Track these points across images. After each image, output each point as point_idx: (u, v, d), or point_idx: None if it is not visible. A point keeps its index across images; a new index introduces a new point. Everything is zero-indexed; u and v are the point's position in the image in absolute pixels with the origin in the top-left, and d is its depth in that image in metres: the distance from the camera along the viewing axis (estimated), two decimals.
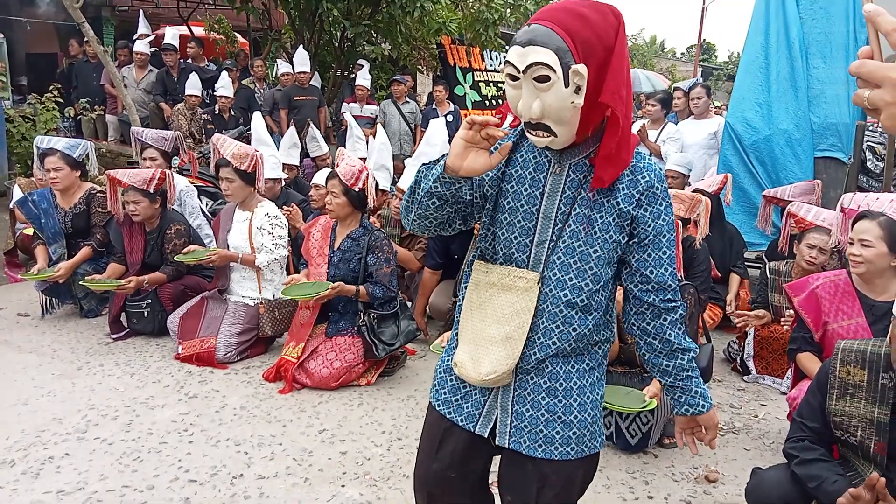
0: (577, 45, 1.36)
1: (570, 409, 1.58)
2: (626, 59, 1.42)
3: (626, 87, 1.41)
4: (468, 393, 1.66)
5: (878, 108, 0.82)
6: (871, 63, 0.82)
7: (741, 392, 3.86)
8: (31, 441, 2.97)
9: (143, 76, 8.66)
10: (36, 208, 4.59)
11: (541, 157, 1.57)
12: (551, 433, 1.58)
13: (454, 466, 1.68)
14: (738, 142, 5.37)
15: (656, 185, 1.52)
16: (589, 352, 1.61)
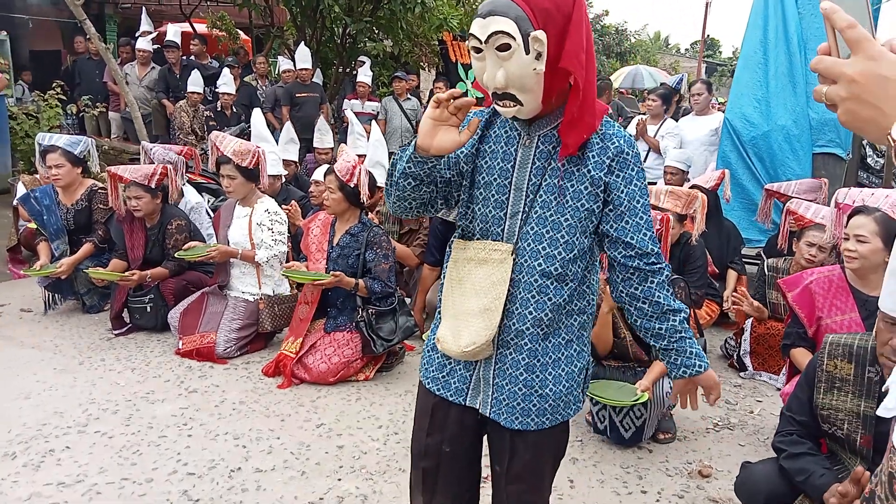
0: (535, 12, 1.40)
1: (546, 383, 1.62)
2: (584, 26, 1.45)
3: (585, 52, 1.45)
4: (453, 369, 1.70)
5: (835, 104, 0.84)
6: (827, 59, 0.84)
7: (737, 388, 3.88)
8: (33, 434, 3.01)
9: (146, 73, 8.70)
10: (38, 205, 4.63)
11: (511, 131, 1.61)
12: (528, 406, 1.63)
13: (447, 441, 1.72)
14: (737, 138, 5.37)
15: (626, 150, 1.54)
16: (565, 324, 1.62)
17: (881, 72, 0.80)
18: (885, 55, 0.80)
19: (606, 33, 22.03)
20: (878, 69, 0.80)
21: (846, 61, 0.82)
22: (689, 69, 26.29)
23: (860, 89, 0.81)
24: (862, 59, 0.81)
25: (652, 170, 6.38)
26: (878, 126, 0.81)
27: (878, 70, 0.80)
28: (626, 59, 21.65)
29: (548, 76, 1.45)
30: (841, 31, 0.82)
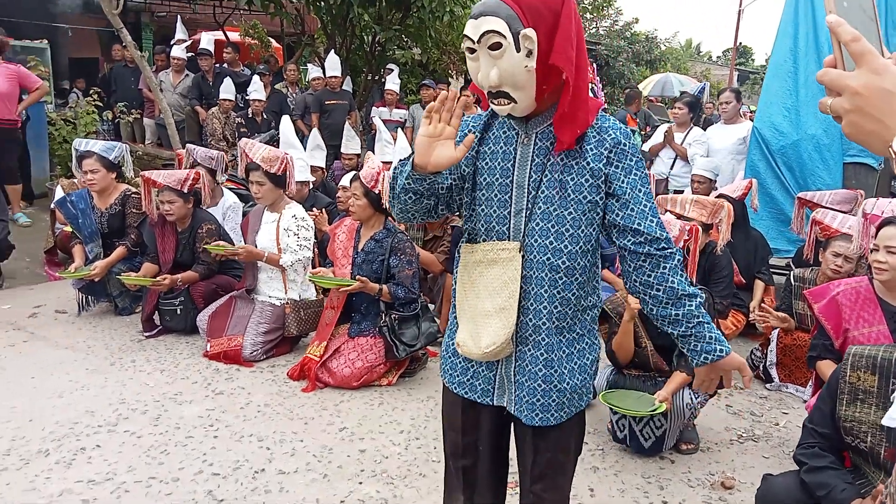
0: (524, 11, 1.45)
1: (564, 377, 1.67)
2: (574, 24, 1.48)
3: (576, 49, 1.48)
4: (476, 371, 1.74)
5: (840, 116, 0.85)
6: (832, 72, 0.85)
7: (763, 400, 3.84)
8: (65, 432, 3.10)
9: (180, 80, 8.88)
10: (74, 208, 4.76)
11: (510, 130, 1.65)
12: (548, 402, 1.67)
13: (482, 439, 1.78)
14: (766, 147, 5.32)
15: (623, 141, 1.58)
16: (578, 319, 1.68)
17: (884, 85, 0.81)
18: (888, 69, 0.81)
19: (636, 41, 21.84)
20: (882, 82, 0.81)
21: (850, 74, 0.83)
22: (721, 77, 26.00)
23: (863, 102, 0.82)
24: (866, 72, 0.82)
25: (679, 177, 6.36)
26: (880, 138, 0.82)
27: (882, 83, 0.81)
28: (656, 67, 21.45)
29: (540, 73, 1.49)
30: (845, 45, 0.83)
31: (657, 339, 3.12)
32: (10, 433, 3.07)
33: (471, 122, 1.72)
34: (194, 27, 11.15)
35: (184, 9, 11.79)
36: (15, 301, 5.00)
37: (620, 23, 23.39)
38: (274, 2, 8.78)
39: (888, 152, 0.82)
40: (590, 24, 22.61)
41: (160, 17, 12.68)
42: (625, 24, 23.21)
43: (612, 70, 19.76)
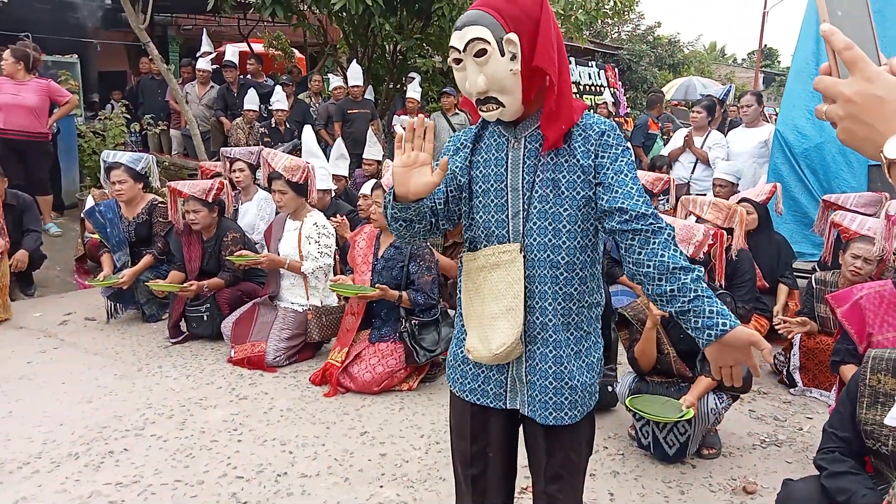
0: (505, 19, 1.52)
1: (574, 374, 1.69)
2: (553, 27, 1.55)
3: (556, 51, 1.54)
4: (488, 376, 1.76)
5: (834, 122, 0.87)
6: (827, 79, 0.87)
7: (787, 405, 3.80)
8: (94, 436, 3.18)
9: (205, 92, 9.04)
10: (102, 218, 4.88)
11: (500, 137, 1.70)
12: (560, 400, 1.69)
13: (491, 446, 1.80)
14: (789, 150, 5.28)
15: (608, 132, 1.61)
16: (584, 316, 1.71)
17: (876, 92, 0.82)
18: (881, 76, 0.83)
19: (658, 44, 21.74)
20: (874, 89, 0.82)
21: (844, 81, 0.85)
22: (746, 79, 25.73)
23: (856, 108, 0.83)
24: (858, 79, 0.83)
25: (700, 181, 6.32)
26: (873, 144, 0.83)
27: (874, 90, 0.82)
28: (679, 71, 21.32)
29: (525, 76, 1.55)
30: (838, 53, 0.85)
31: (679, 345, 3.11)
32: (41, 437, 3.15)
33: (462, 135, 1.78)
34: (219, 40, 11.34)
35: (209, 22, 12.00)
36: (46, 309, 5.13)
37: (642, 27, 23.30)
38: (297, 13, 8.91)
39: (881, 157, 0.83)
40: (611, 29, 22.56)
41: (186, 31, 12.93)
42: (647, 28, 23.12)
43: (634, 74, 19.69)
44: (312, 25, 9.55)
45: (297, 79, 10.21)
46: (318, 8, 8.62)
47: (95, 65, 11.45)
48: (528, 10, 1.53)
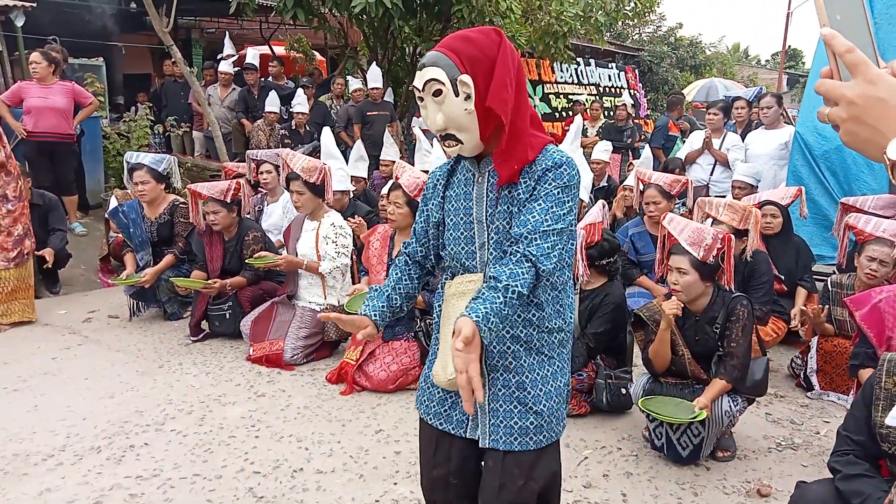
0: (462, 59, 1.58)
1: (539, 399, 1.71)
2: (510, 68, 1.59)
3: (515, 90, 1.59)
4: (454, 402, 1.79)
5: (837, 124, 0.87)
6: (828, 82, 0.88)
7: (804, 408, 3.77)
8: (116, 431, 3.25)
9: (227, 94, 9.15)
10: (125, 218, 4.97)
11: (468, 172, 1.77)
12: (525, 424, 1.70)
13: (453, 473, 1.81)
14: (809, 152, 5.23)
15: (552, 169, 1.62)
16: (547, 341, 1.73)
17: (879, 94, 0.83)
18: (882, 78, 0.83)
19: (680, 46, 21.59)
20: (876, 92, 0.83)
21: (846, 84, 0.85)
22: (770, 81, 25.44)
23: (859, 111, 0.84)
24: (861, 81, 0.84)
25: (719, 183, 6.29)
26: (876, 146, 0.84)
27: (876, 93, 0.83)
28: (701, 72, 21.15)
29: (480, 115, 1.60)
30: (840, 56, 0.85)
31: (695, 347, 3.11)
32: (65, 430, 3.23)
33: (438, 171, 1.87)
34: (242, 43, 11.47)
35: (231, 25, 12.14)
36: (71, 306, 5.24)
37: (664, 28, 23.15)
38: (317, 16, 8.99)
39: (884, 159, 0.84)
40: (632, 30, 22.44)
41: (209, 34, 13.08)
42: (668, 29, 22.97)
43: (655, 76, 19.58)
44: (333, 28, 9.63)
45: (317, 81, 10.30)
46: (339, 11, 8.69)
47: (120, 68, 11.63)
48: (485, 49, 1.58)
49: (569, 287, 1.78)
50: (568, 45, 10.32)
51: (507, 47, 1.60)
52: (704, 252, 2.95)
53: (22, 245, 4.75)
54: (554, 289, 1.72)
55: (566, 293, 1.76)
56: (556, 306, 1.73)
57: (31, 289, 4.90)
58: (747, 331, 3.00)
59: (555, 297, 1.73)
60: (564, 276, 1.75)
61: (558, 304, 1.73)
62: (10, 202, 4.69)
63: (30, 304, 4.86)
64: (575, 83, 13.98)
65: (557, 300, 1.73)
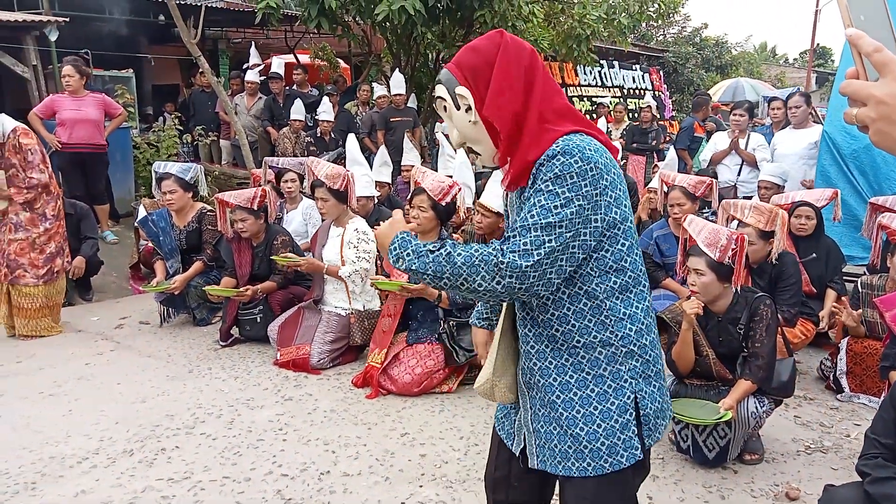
0: (462, 71, 1.53)
1: (575, 422, 1.54)
2: (509, 70, 1.49)
3: (509, 94, 1.48)
4: (508, 413, 1.80)
5: (866, 125, 0.86)
6: (855, 83, 0.86)
7: (834, 411, 3.71)
8: (147, 434, 3.32)
9: (254, 103, 9.28)
10: (155, 227, 5.08)
11: None
12: (563, 447, 1.57)
13: (515, 476, 1.80)
14: (837, 151, 5.16)
15: (543, 161, 1.44)
16: (588, 358, 1.53)
17: None
18: None
19: (705, 46, 21.39)
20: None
21: (874, 84, 0.84)
22: (798, 80, 25.07)
23: (890, 110, 0.82)
24: (890, 81, 0.82)
25: (747, 183, 6.24)
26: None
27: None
28: (727, 73, 20.92)
29: (487, 124, 1.53)
30: (867, 56, 0.84)
31: (719, 348, 3.09)
32: (98, 434, 3.31)
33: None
34: (267, 52, 11.62)
35: (257, 35, 12.32)
36: (103, 313, 5.36)
37: (688, 29, 22.96)
38: (341, 24, 9.09)
39: None
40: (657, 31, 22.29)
41: (236, 44, 13.29)
42: (693, 29, 22.77)
43: (680, 77, 19.43)
44: (356, 36, 9.73)
45: (341, 88, 10.40)
46: (362, 19, 8.79)
47: (150, 79, 11.87)
48: (486, 56, 1.51)
49: (621, 294, 1.53)
50: (591, 48, 10.30)
51: (507, 47, 1.51)
52: (720, 253, 2.94)
53: (53, 263, 4.82)
54: (591, 297, 1.51)
55: (617, 301, 1.52)
56: (596, 317, 1.51)
57: (58, 307, 4.96)
58: (771, 331, 2.97)
59: (593, 307, 1.51)
60: (609, 282, 1.51)
61: (600, 315, 1.51)
62: (49, 220, 4.80)
63: (55, 321, 4.90)
64: (599, 85, 13.94)
65: (598, 310, 1.51)
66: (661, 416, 1.60)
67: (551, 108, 1.51)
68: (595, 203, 1.43)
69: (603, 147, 1.51)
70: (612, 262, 1.50)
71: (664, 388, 1.63)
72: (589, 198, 1.42)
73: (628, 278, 1.52)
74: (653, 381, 1.57)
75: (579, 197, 1.41)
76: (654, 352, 1.58)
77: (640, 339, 1.54)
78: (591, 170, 1.42)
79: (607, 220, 1.46)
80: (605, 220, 1.46)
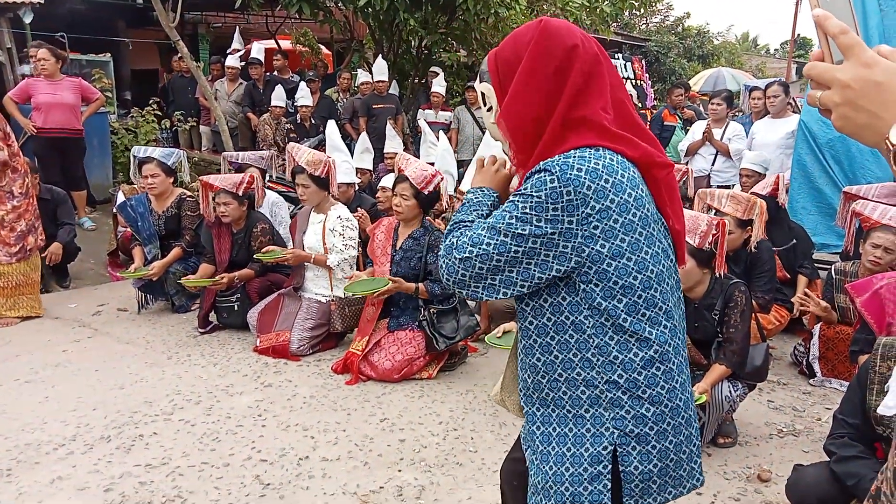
0: (498, 66, 1.42)
1: (547, 458, 1.42)
2: (533, 71, 1.34)
3: (530, 97, 1.34)
4: None
5: (829, 109, 0.85)
6: (820, 65, 0.85)
7: (806, 395, 3.79)
8: (125, 420, 3.31)
9: (234, 89, 9.20)
10: (133, 212, 5.03)
11: None
12: (535, 481, 1.47)
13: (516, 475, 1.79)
14: (813, 140, 5.22)
15: (529, 176, 1.34)
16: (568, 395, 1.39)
17: (875, 77, 0.81)
18: (878, 61, 0.82)
19: (687, 36, 21.47)
20: (872, 75, 0.81)
21: (839, 67, 0.83)
22: (779, 70, 25.22)
23: (855, 95, 0.81)
24: (855, 64, 0.82)
25: (722, 172, 6.31)
26: (874, 130, 0.82)
27: (872, 76, 0.81)
28: (709, 62, 21.02)
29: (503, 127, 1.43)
30: (833, 37, 0.83)
31: (694, 334, 3.13)
32: (75, 420, 3.29)
33: None
34: (248, 37, 11.50)
35: (238, 19, 12.18)
36: (80, 300, 5.31)
37: (671, 18, 23.03)
38: (323, 10, 9.02)
39: (884, 144, 0.81)
40: (639, 20, 22.33)
41: (216, 28, 13.13)
42: (675, 19, 22.85)
43: (662, 66, 19.49)
44: (338, 21, 9.65)
45: (322, 74, 10.33)
46: (344, 4, 8.72)
47: (128, 63, 11.70)
48: (518, 51, 1.36)
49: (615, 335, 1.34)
50: None
51: (538, 40, 1.33)
52: (700, 239, 2.98)
53: (25, 241, 4.76)
54: (577, 331, 1.35)
55: (609, 341, 1.34)
56: (582, 353, 1.36)
57: (37, 284, 4.92)
58: (745, 316, 3.02)
59: (580, 341, 1.36)
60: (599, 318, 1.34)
61: (586, 352, 1.35)
62: (16, 198, 4.72)
63: (36, 300, 4.87)
64: None
65: (584, 346, 1.35)
66: (654, 483, 1.37)
67: (582, 114, 1.33)
68: (566, 230, 1.29)
69: (617, 167, 1.31)
70: (600, 300, 1.32)
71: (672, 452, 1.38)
72: (556, 222, 1.29)
73: (623, 321, 1.32)
74: (650, 440, 1.35)
75: (542, 220, 1.29)
76: (656, 409, 1.35)
77: (634, 391, 1.34)
78: (568, 194, 1.27)
79: (587, 253, 1.30)
80: (585, 251, 1.30)
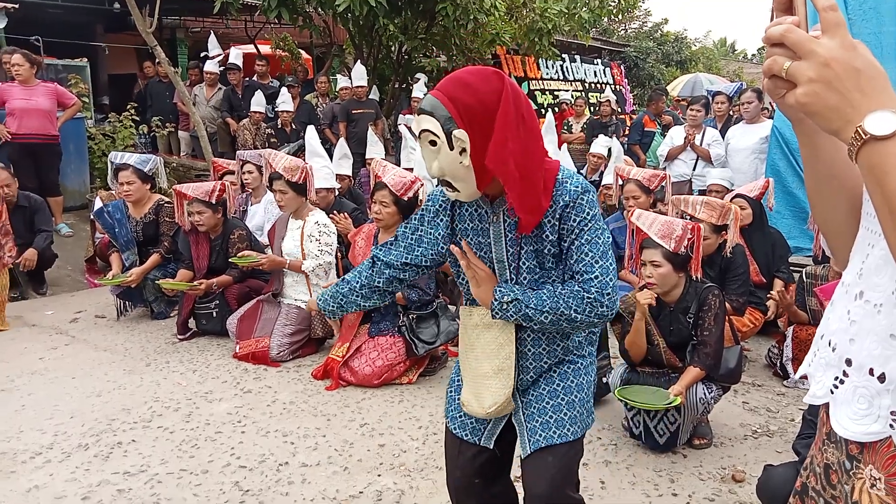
0: (459, 110, 1.49)
1: (571, 390, 1.78)
2: (512, 119, 1.50)
3: (513, 145, 1.49)
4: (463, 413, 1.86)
5: (796, 82, 0.81)
6: (800, 32, 0.81)
7: (780, 396, 3.86)
8: (103, 428, 3.29)
9: (213, 94, 9.16)
10: (111, 218, 5.00)
11: (479, 208, 1.71)
12: (561, 417, 1.76)
13: (475, 474, 1.87)
14: (786, 145, 5.32)
15: (572, 203, 1.59)
16: (572, 345, 1.80)
17: (855, 64, 0.79)
18: (858, 47, 0.80)
19: (665, 41, 21.74)
20: (853, 61, 0.79)
21: (820, 42, 0.80)
22: (755, 75, 25.60)
23: (832, 75, 0.79)
24: (838, 45, 0.79)
25: (703, 177, 6.39)
26: (840, 115, 0.80)
27: (853, 62, 0.79)
28: (687, 68, 21.29)
29: (478, 168, 1.53)
30: (822, 11, 0.80)
31: (669, 337, 3.18)
32: (52, 428, 3.27)
33: (440, 197, 1.78)
34: (227, 42, 11.44)
35: (217, 24, 12.12)
36: (58, 307, 5.26)
37: (649, 24, 23.29)
38: (302, 15, 9.02)
39: (847, 129, 0.79)
40: (618, 26, 22.55)
41: (195, 33, 13.05)
42: (654, 25, 23.11)
43: (641, 72, 19.71)
44: (318, 27, 9.66)
45: (302, 80, 10.32)
46: (324, 9, 8.73)
47: (105, 68, 11.60)
48: (484, 101, 1.49)
49: None
50: (553, 42, 10.40)
51: (508, 95, 1.50)
52: (675, 243, 3.03)
53: None
54: None
55: None
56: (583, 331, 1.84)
57: (4, 304, 4.78)
58: (719, 320, 3.07)
59: None
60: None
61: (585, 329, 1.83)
62: None
63: (1, 317, 4.75)
64: (561, 79, 14.05)
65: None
66: None
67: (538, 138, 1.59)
68: None
69: None
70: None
71: None
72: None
73: None
74: None
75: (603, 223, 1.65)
76: None
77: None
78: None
79: None
80: None
